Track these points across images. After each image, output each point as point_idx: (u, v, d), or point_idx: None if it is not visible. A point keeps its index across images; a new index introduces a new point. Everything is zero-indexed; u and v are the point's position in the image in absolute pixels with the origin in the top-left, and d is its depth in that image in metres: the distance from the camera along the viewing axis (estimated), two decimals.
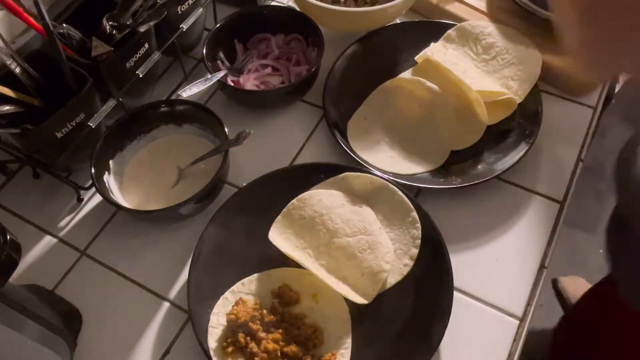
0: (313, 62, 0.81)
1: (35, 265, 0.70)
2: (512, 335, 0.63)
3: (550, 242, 0.69)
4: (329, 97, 0.79)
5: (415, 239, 0.64)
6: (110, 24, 0.70)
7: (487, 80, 0.77)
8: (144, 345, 0.64)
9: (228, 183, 0.75)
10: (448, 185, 0.71)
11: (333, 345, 0.60)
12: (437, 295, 0.62)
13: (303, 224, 0.66)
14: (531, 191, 0.73)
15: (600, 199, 1.78)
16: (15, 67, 0.64)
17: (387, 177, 0.70)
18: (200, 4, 0.81)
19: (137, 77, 0.73)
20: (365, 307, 0.61)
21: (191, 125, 0.76)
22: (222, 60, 0.84)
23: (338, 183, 0.69)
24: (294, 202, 0.67)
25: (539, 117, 0.74)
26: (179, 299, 0.67)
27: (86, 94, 0.66)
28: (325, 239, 0.65)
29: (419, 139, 0.76)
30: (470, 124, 0.75)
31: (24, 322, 0.53)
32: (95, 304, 0.67)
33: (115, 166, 0.72)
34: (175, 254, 0.70)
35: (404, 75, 0.81)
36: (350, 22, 0.83)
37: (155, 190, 0.72)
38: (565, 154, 0.76)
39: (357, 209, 0.66)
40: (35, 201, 0.75)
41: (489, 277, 0.67)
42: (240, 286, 0.64)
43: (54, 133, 0.65)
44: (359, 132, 0.77)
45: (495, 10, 0.88)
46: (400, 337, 0.61)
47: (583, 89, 0.81)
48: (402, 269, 0.63)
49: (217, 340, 0.60)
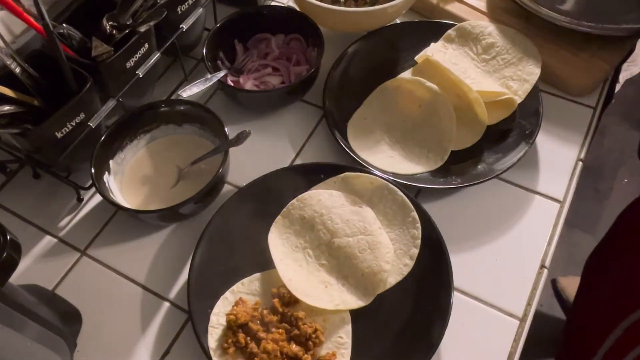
0: (313, 62, 0.81)
1: (35, 265, 0.70)
2: (512, 335, 0.63)
3: (550, 242, 0.69)
4: (329, 97, 0.79)
5: (415, 239, 0.64)
6: (110, 24, 0.70)
7: (487, 80, 0.77)
8: (143, 345, 0.64)
9: (228, 183, 0.75)
10: (448, 185, 0.71)
11: (333, 345, 0.60)
12: (437, 295, 0.62)
13: (303, 224, 0.66)
14: (531, 191, 0.73)
15: (600, 199, 1.78)
16: (15, 67, 0.64)
17: (387, 177, 0.70)
18: (200, 4, 0.81)
19: (137, 77, 0.73)
20: (365, 307, 0.61)
21: (191, 125, 0.76)
22: (222, 60, 0.84)
23: (338, 183, 0.69)
24: (294, 202, 0.67)
25: (539, 117, 0.74)
26: (179, 299, 0.67)
27: (86, 94, 0.66)
28: (325, 239, 0.65)
29: (419, 139, 0.76)
30: (470, 124, 0.75)
31: (24, 322, 0.53)
32: (95, 304, 0.67)
33: (115, 166, 0.72)
34: (175, 254, 0.70)
35: (404, 75, 0.81)
36: (350, 22, 0.83)
37: (155, 190, 0.72)
38: (565, 154, 0.76)
39: (357, 209, 0.66)
40: (35, 201, 0.75)
41: (489, 277, 0.67)
42: (240, 286, 0.64)
43: (54, 133, 0.65)
44: (359, 132, 0.77)
45: (495, 10, 0.88)
46: (400, 337, 0.61)
47: (583, 89, 0.81)
48: (402, 269, 0.63)
49: (217, 340, 0.60)
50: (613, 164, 1.86)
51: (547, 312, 1.53)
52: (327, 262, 0.64)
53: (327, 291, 0.62)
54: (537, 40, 0.80)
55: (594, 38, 0.81)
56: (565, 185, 0.74)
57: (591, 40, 0.82)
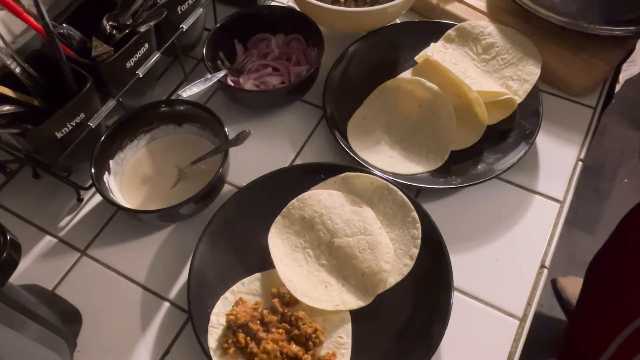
0: (313, 62, 0.81)
1: (35, 265, 0.70)
2: (512, 335, 0.63)
3: (550, 242, 0.69)
4: (329, 97, 0.79)
5: (415, 239, 0.64)
6: (110, 24, 0.70)
7: (487, 80, 0.77)
8: (143, 345, 0.64)
9: (228, 183, 0.75)
10: (448, 185, 0.71)
11: (333, 345, 0.60)
12: (437, 295, 0.62)
13: (303, 224, 0.66)
14: (531, 191, 0.73)
15: (600, 199, 1.78)
16: (15, 67, 0.64)
17: (387, 177, 0.70)
18: (200, 4, 0.81)
19: (137, 77, 0.73)
20: (366, 307, 0.61)
21: (191, 125, 0.76)
22: (222, 60, 0.84)
23: (338, 183, 0.69)
24: (294, 202, 0.67)
25: (539, 117, 0.74)
26: (179, 299, 0.67)
27: (86, 94, 0.66)
28: (325, 239, 0.65)
29: (419, 139, 0.76)
30: (470, 124, 0.75)
31: (24, 322, 0.53)
32: (95, 304, 0.67)
33: (115, 166, 0.72)
34: (175, 254, 0.70)
35: (404, 75, 0.81)
36: (350, 22, 0.83)
37: (155, 190, 0.72)
38: (565, 154, 0.76)
39: (357, 209, 0.66)
40: (35, 201, 0.75)
41: (489, 277, 0.67)
42: (240, 286, 0.64)
43: (54, 133, 0.65)
44: (359, 132, 0.77)
45: (495, 10, 0.88)
46: (400, 337, 0.61)
47: (583, 89, 0.81)
48: (402, 269, 0.63)
49: (217, 340, 0.60)
50: (613, 164, 1.86)
51: (547, 312, 1.53)
52: (327, 262, 0.64)
53: (327, 291, 0.62)
54: (537, 40, 0.80)
55: (594, 38, 0.81)
56: (565, 185, 0.74)
57: (591, 40, 0.82)
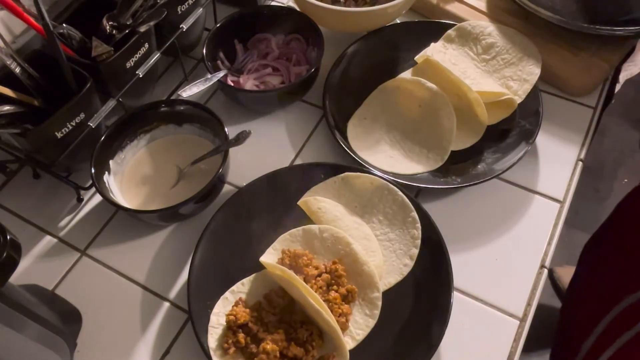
0: (313, 62, 0.81)
1: (35, 265, 0.70)
2: (512, 335, 0.63)
3: (550, 242, 0.69)
4: (329, 97, 0.79)
5: (415, 239, 0.64)
6: (110, 24, 0.70)
7: (487, 81, 0.77)
8: (143, 345, 0.64)
9: (228, 183, 0.75)
10: (448, 185, 0.71)
11: (333, 346, 0.60)
12: (437, 295, 0.62)
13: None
14: (531, 191, 0.73)
15: (600, 199, 1.78)
16: (15, 67, 0.64)
17: (387, 177, 0.70)
18: (200, 4, 0.81)
19: (137, 77, 0.73)
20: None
21: (191, 125, 0.76)
22: (222, 60, 0.84)
23: (338, 183, 0.69)
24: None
25: (539, 117, 0.74)
26: (179, 299, 0.67)
27: (86, 94, 0.66)
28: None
29: (419, 139, 0.76)
30: (470, 124, 0.75)
31: (24, 322, 0.53)
32: (95, 304, 0.67)
33: (115, 166, 0.72)
34: (175, 254, 0.70)
35: (404, 75, 0.81)
36: (350, 22, 0.83)
37: (155, 190, 0.72)
38: (565, 154, 0.76)
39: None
40: (35, 201, 0.75)
41: (489, 277, 0.67)
42: (240, 286, 0.64)
43: (54, 133, 0.65)
44: (359, 132, 0.77)
45: (495, 10, 0.88)
46: (400, 337, 0.61)
47: (583, 89, 0.81)
48: (402, 269, 0.63)
49: (217, 340, 0.60)
50: (613, 164, 1.86)
51: (546, 312, 1.53)
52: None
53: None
54: (537, 40, 0.80)
55: (594, 38, 0.81)
56: (565, 185, 0.74)
57: (591, 40, 0.82)
